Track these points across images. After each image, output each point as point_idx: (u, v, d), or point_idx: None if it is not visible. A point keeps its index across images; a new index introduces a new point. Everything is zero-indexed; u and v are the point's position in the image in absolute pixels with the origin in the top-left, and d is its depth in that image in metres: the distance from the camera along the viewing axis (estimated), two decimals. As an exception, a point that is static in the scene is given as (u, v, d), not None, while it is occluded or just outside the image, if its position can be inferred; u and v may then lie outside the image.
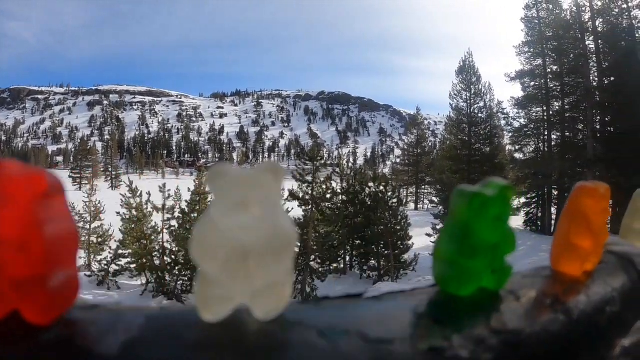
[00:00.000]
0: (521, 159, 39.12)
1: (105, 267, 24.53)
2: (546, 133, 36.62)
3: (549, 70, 36.31)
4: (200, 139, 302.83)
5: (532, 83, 37.25)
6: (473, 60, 41.90)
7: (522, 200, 39.38)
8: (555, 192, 35.86)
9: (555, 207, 36.02)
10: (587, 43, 33.22)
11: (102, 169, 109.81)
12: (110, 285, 24.00)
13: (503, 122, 40.32)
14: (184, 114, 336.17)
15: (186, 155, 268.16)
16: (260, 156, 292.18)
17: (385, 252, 25.70)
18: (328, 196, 25.88)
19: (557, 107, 36.28)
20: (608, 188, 0.94)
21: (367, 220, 26.19)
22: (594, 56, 33.00)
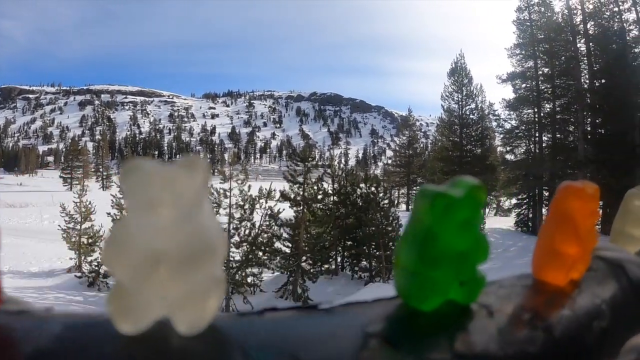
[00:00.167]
0: (512, 160, 39.20)
1: (96, 268, 24.42)
2: (537, 134, 36.70)
3: (540, 72, 36.40)
4: (192, 139, 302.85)
5: (524, 85, 37.32)
6: (465, 62, 42.09)
7: (514, 201, 39.61)
8: (546, 193, 35.93)
9: (546, 208, 36.11)
10: (579, 45, 33.34)
11: (93, 169, 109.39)
12: (101, 287, 23.91)
13: (494, 123, 40.41)
14: (176, 114, 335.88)
15: (177, 156, 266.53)
16: (252, 157, 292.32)
17: (377, 253, 25.70)
18: (319, 197, 25.83)
19: (548, 109, 36.37)
20: (597, 188, 0.83)
21: (359, 221, 26.21)
22: (585, 58, 33.11)
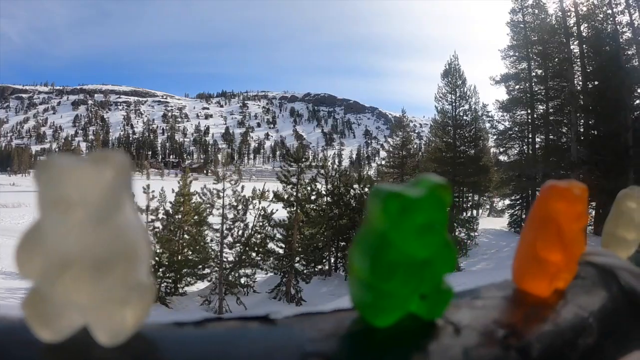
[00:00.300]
0: (505, 161, 39.37)
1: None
2: (530, 136, 36.80)
3: (534, 73, 36.50)
4: (186, 139, 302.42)
5: (517, 86, 37.45)
6: (458, 63, 42.07)
7: (507, 202, 39.79)
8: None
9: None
10: (572, 47, 33.41)
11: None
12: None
13: (488, 124, 40.51)
14: (169, 114, 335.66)
15: (171, 156, 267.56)
16: (246, 157, 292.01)
17: (370, 253, 25.66)
18: (313, 198, 25.79)
19: (541, 110, 36.48)
20: (585, 188, 0.75)
21: (352, 221, 26.17)
22: (578, 60, 33.18)
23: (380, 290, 0.55)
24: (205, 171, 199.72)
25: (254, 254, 23.59)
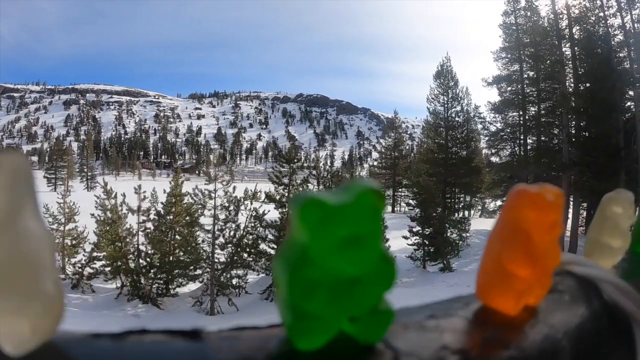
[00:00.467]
0: (497, 162, 39.44)
1: (80, 270, 24.10)
2: (522, 137, 36.87)
3: (526, 75, 36.59)
4: (178, 140, 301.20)
5: (509, 88, 37.52)
6: (451, 65, 42.26)
7: (498, 203, 39.90)
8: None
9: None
10: (564, 50, 33.49)
11: (77, 170, 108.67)
12: (85, 289, 23.59)
13: (480, 126, 40.64)
14: (162, 114, 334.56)
15: (163, 157, 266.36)
16: (238, 158, 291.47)
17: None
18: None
19: (533, 112, 36.56)
20: (560, 194, 0.63)
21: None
22: (570, 62, 33.27)
23: (302, 311, 0.47)
24: (197, 172, 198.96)
25: (245, 255, 23.53)
